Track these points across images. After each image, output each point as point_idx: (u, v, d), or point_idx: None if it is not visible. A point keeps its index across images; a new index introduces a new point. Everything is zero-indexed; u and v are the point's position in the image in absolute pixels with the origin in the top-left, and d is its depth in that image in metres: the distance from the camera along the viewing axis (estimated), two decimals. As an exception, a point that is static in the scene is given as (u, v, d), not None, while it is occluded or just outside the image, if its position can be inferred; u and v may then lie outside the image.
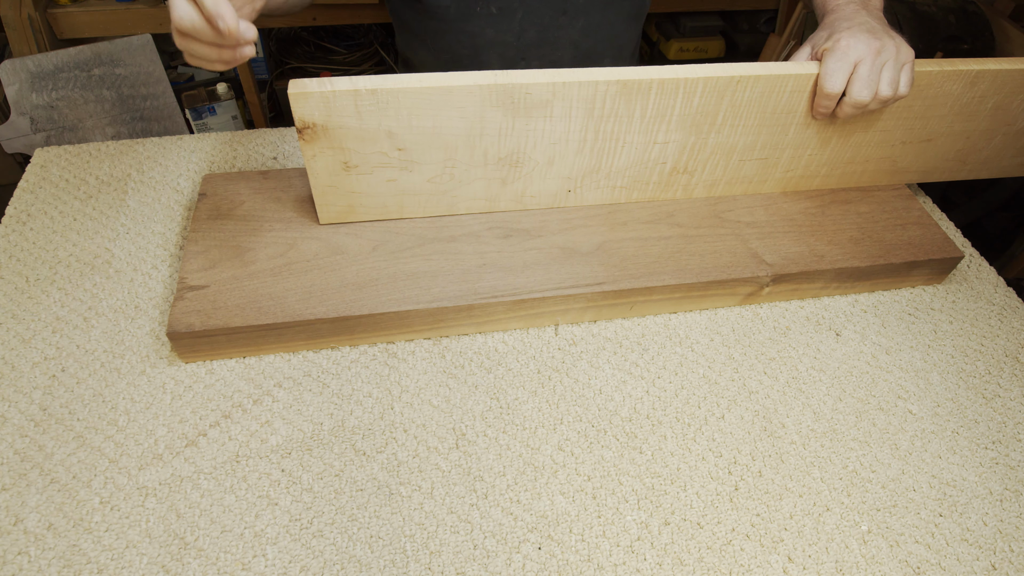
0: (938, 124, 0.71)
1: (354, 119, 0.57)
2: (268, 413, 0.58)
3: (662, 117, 0.63)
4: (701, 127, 0.65)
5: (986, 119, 0.72)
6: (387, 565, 0.49)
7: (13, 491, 0.52)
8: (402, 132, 0.59)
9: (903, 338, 0.69)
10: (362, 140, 0.59)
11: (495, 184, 0.66)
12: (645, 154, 0.66)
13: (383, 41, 1.95)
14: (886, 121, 0.69)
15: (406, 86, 0.55)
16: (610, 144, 0.64)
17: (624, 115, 0.62)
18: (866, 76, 0.59)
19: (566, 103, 0.59)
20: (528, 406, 0.60)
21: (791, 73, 0.61)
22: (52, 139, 1.41)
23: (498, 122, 0.60)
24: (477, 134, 0.60)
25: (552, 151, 0.64)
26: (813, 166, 0.73)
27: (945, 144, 0.74)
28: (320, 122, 0.57)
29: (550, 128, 0.61)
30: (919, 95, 0.67)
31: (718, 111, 0.63)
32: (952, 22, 1.34)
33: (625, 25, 0.86)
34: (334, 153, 0.60)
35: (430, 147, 0.61)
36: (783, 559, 0.52)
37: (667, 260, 0.66)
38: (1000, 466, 0.59)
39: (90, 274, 0.67)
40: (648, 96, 0.60)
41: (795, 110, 0.65)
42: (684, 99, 0.61)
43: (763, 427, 0.60)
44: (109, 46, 1.41)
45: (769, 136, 0.68)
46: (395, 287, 0.61)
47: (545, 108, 0.59)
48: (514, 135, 0.61)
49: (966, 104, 0.69)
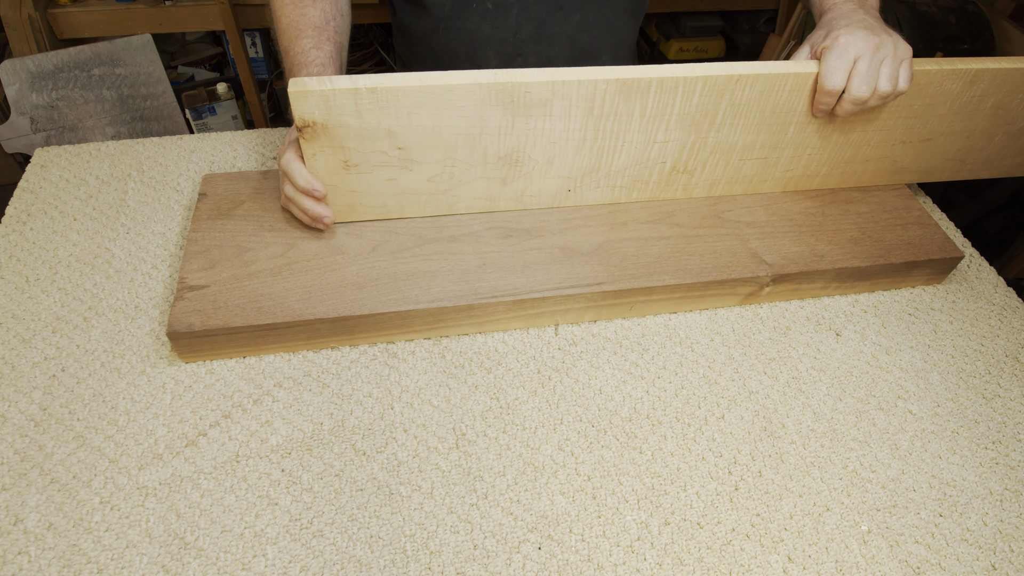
0: (938, 123, 0.71)
1: (354, 118, 0.57)
2: (268, 413, 0.58)
3: (661, 116, 0.63)
4: (701, 126, 0.65)
5: (986, 118, 0.72)
6: (387, 565, 0.49)
7: (13, 491, 0.52)
8: (402, 131, 0.59)
9: (903, 338, 0.69)
10: (362, 139, 0.59)
11: (495, 183, 0.66)
12: (645, 153, 0.66)
13: (383, 41, 1.95)
14: (886, 120, 0.69)
15: (406, 85, 0.55)
16: (610, 143, 0.64)
17: (624, 114, 0.62)
18: (865, 72, 0.60)
19: (565, 102, 0.59)
20: (528, 406, 0.60)
21: (790, 72, 0.62)
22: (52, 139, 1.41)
23: (498, 121, 0.60)
24: (477, 133, 0.60)
25: (552, 150, 0.64)
26: (813, 165, 0.73)
27: (945, 143, 0.74)
28: (320, 121, 0.57)
29: (550, 127, 0.61)
30: (918, 94, 0.67)
31: (718, 110, 0.63)
32: (952, 22, 1.34)
33: (622, 21, 0.86)
34: (334, 152, 0.60)
35: (430, 146, 0.61)
36: (783, 559, 0.52)
37: (667, 260, 0.66)
38: (1000, 466, 0.59)
39: (90, 274, 0.67)
40: (648, 95, 0.60)
41: (795, 109, 0.65)
42: (684, 98, 0.61)
43: (763, 427, 0.60)
44: (109, 46, 1.41)
45: (769, 135, 0.67)
46: (395, 287, 0.61)
47: (545, 107, 0.59)
48: (514, 134, 0.61)
49: (966, 103, 0.69)
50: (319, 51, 0.67)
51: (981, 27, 1.35)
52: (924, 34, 1.34)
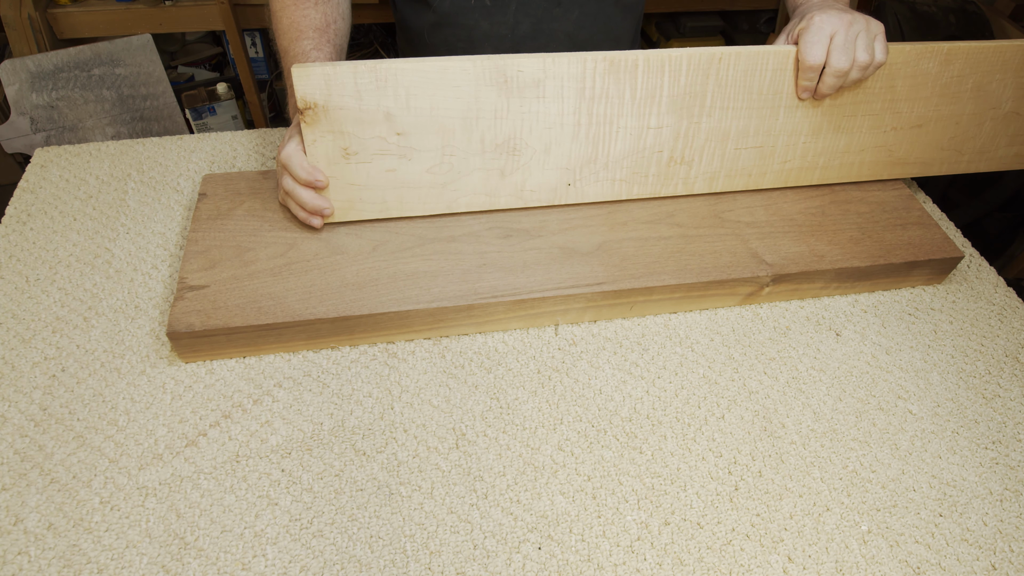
0: (924, 107, 0.73)
1: (353, 99, 0.58)
2: (268, 413, 0.58)
3: (652, 98, 0.65)
4: (692, 109, 0.66)
5: (970, 101, 0.74)
6: (387, 565, 0.49)
7: (13, 491, 0.52)
8: (400, 113, 0.60)
9: (903, 338, 0.69)
10: (361, 123, 0.60)
11: (494, 176, 0.66)
12: (640, 141, 0.67)
13: (383, 41, 1.95)
14: (872, 104, 0.71)
15: (404, 66, 0.58)
16: (605, 129, 0.66)
17: (615, 95, 0.64)
18: (842, 44, 0.63)
19: (557, 81, 0.62)
20: (528, 406, 0.60)
21: (771, 51, 0.65)
22: (52, 139, 1.41)
23: (493, 102, 0.61)
24: (473, 116, 0.62)
25: (548, 136, 0.65)
26: (810, 156, 0.73)
27: (936, 130, 0.75)
28: (321, 102, 0.58)
29: (544, 110, 0.63)
30: (898, 74, 0.69)
31: (706, 91, 0.65)
32: (952, 22, 1.34)
33: (620, 16, 0.86)
34: (334, 138, 0.60)
35: (428, 131, 0.62)
36: (783, 559, 0.52)
37: (667, 260, 0.66)
38: (1000, 466, 0.59)
39: (90, 274, 0.67)
40: (636, 74, 0.63)
41: (780, 91, 0.67)
42: (671, 77, 0.64)
43: (763, 427, 0.60)
44: (109, 46, 1.41)
45: (760, 120, 0.69)
46: (395, 287, 0.61)
47: (537, 87, 0.61)
48: (509, 118, 0.63)
49: (946, 84, 0.71)
50: (319, 52, 0.68)
51: (981, 27, 1.35)
52: (924, 34, 1.34)
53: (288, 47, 0.69)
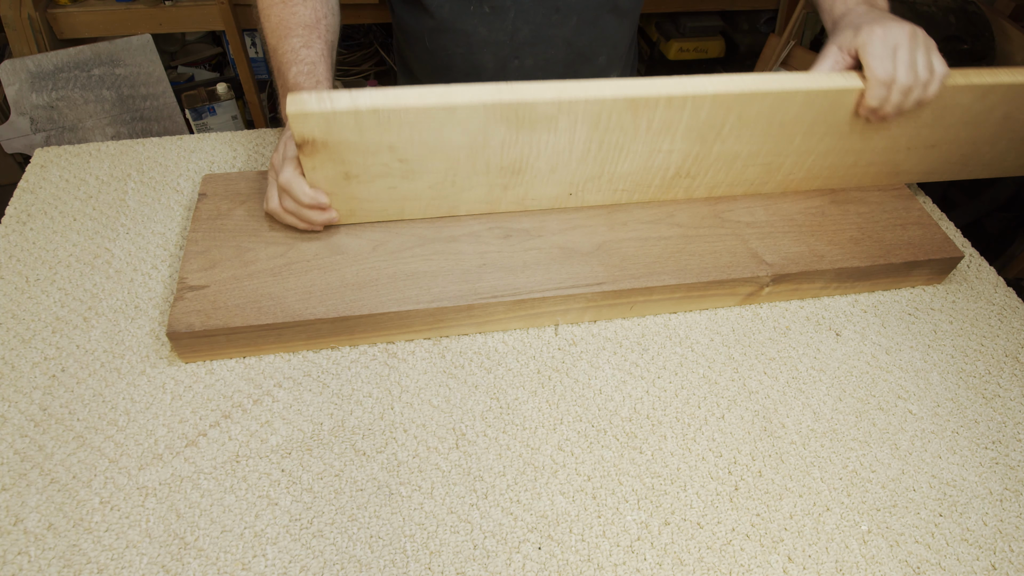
0: (945, 132, 0.71)
1: (355, 134, 0.56)
2: (268, 413, 0.58)
3: (667, 130, 0.62)
4: (706, 137, 0.64)
5: (993, 127, 0.71)
6: (387, 565, 0.49)
7: (13, 491, 0.52)
8: (404, 146, 0.58)
9: (903, 338, 0.69)
10: (363, 153, 0.58)
11: (496, 190, 0.66)
12: (649, 161, 0.66)
13: (383, 41, 1.95)
14: (893, 129, 0.68)
15: (408, 104, 0.54)
16: (613, 153, 0.64)
17: (629, 128, 0.61)
18: (908, 60, 0.59)
19: (571, 117, 0.58)
20: (528, 406, 0.60)
21: (801, 89, 0.60)
22: (52, 139, 1.41)
23: (501, 136, 0.59)
24: (480, 146, 0.60)
25: (555, 160, 0.63)
26: (816, 169, 0.73)
27: (950, 149, 0.74)
28: (320, 138, 0.55)
29: (554, 140, 0.61)
30: (929, 106, 0.66)
31: (725, 123, 0.62)
32: (952, 22, 1.34)
33: (617, 23, 0.86)
34: (335, 165, 0.59)
35: (432, 159, 0.60)
36: (783, 559, 0.52)
37: (667, 260, 0.66)
38: (1000, 466, 0.59)
39: (90, 274, 0.67)
40: (655, 111, 0.59)
41: (803, 120, 0.64)
42: (692, 113, 0.60)
43: (763, 427, 0.60)
44: (109, 46, 1.41)
45: (775, 144, 0.67)
46: (395, 287, 0.61)
47: (550, 123, 0.58)
48: (517, 147, 0.61)
49: (976, 115, 0.69)
50: (309, 49, 0.66)
51: (981, 27, 1.35)
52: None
53: (276, 45, 0.67)
